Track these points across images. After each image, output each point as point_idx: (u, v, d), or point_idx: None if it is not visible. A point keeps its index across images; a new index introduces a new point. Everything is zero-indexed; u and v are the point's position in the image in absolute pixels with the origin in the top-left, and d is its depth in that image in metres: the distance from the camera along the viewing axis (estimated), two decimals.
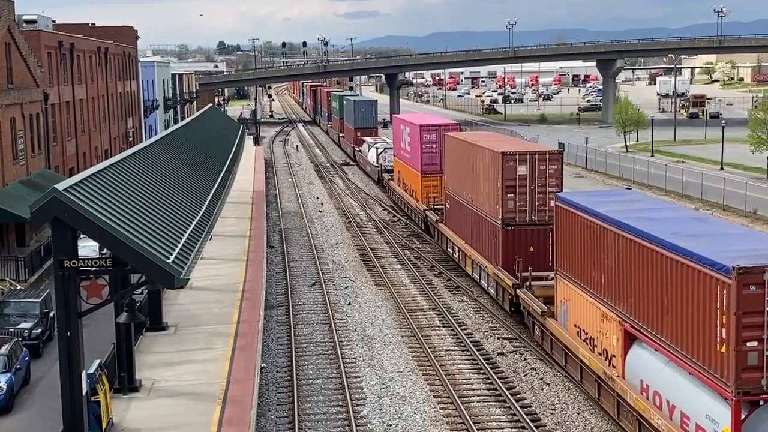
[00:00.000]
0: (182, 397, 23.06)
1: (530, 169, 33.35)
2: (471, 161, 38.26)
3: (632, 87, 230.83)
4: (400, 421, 24.99)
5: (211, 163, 39.26)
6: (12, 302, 31.58)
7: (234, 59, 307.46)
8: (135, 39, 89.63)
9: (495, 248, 34.59)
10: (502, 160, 33.29)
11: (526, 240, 33.47)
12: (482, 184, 36.24)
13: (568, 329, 27.24)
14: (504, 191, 33.45)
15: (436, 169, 49.86)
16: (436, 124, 52.06)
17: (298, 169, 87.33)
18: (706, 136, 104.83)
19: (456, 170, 41.49)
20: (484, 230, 36.23)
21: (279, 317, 35.73)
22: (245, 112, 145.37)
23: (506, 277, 32.68)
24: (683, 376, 20.30)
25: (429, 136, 50.86)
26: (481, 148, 36.57)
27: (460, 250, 40.25)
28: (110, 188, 20.75)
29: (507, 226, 33.59)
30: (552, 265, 30.28)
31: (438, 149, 49.64)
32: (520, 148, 35.46)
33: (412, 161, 53.71)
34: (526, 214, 33.58)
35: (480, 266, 36.73)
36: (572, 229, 26.46)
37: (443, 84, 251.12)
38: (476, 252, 37.39)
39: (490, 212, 34.99)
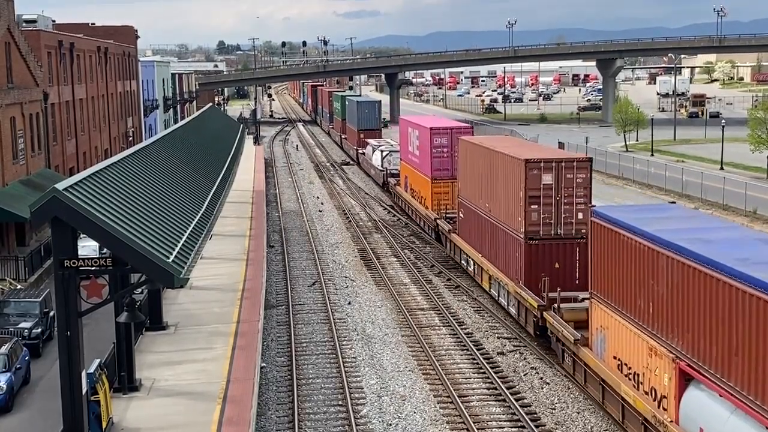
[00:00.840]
0: (182, 397, 23.07)
1: (556, 178, 30.56)
2: (489, 168, 35.51)
3: (632, 86, 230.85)
4: (399, 421, 25.00)
5: (211, 162, 39.27)
6: (12, 302, 31.59)
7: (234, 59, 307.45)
8: (135, 38, 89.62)
9: (516, 264, 31.83)
10: (525, 168, 30.53)
11: (551, 256, 30.69)
12: (502, 193, 33.56)
13: (605, 361, 24.23)
14: (527, 202, 30.68)
15: (447, 174, 47.39)
16: (448, 127, 48.95)
17: (298, 168, 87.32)
18: (705, 136, 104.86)
19: (471, 177, 38.70)
20: (503, 244, 33.47)
21: (279, 317, 35.74)
22: (245, 111, 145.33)
23: (530, 298, 29.87)
24: (755, 429, 17.35)
25: (440, 140, 47.98)
26: (501, 154, 33.72)
27: (476, 264, 37.60)
28: (110, 188, 20.76)
29: (530, 240, 30.80)
30: (579, 282, 28.91)
31: (449, 153, 47.26)
32: (545, 154, 32.44)
33: (422, 166, 50.96)
34: (551, 228, 30.78)
35: (499, 283, 34.00)
36: (612, 248, 23.46)
37: (443, 83, 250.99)
38: (494, 267, 34.63)
39: (511, 224, 32.26)
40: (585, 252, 28.30)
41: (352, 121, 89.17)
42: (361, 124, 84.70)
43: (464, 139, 41.17)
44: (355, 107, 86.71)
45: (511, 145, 37.41)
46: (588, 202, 30.37)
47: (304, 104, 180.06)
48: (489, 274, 35.49)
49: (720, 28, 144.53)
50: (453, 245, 42.30)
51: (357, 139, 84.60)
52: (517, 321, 32.47)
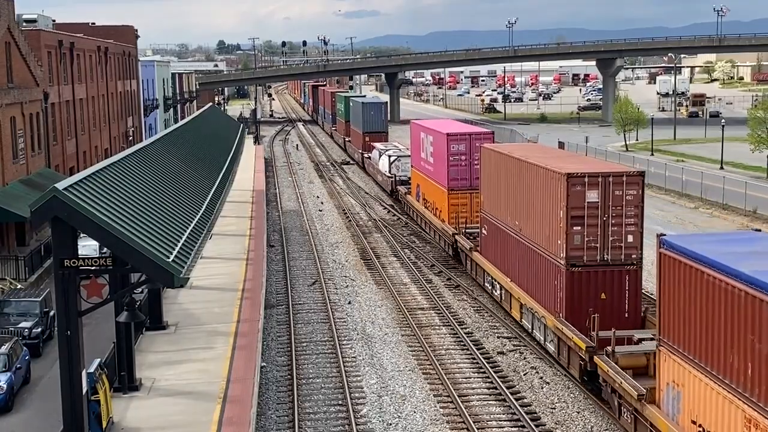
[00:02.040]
0: (182, 397, 23.09)
1: (603, 195, 26.83)
2: (520, 181, 31.54)
3: (632, 86, 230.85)
4: (400, 420, 25.01)
5: (211, 162, 39.29)
6: (12, 301, 31.60)
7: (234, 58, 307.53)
8: (135, 38, 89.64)
9: (555, 294, 27.97)
10: (567, 184, 26.71)
11: (596, 285, 27.02)
12: (536, 211, 29.65)
13: (680, 424, 20.12)
14: (569, 223, 26.88)
15: (465, 184, 43.20)
16: (466, 133, 44.53)
17: (298, 168, 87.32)
18: (705, 135, 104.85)
19: (496, 190, 34.81)
20: (538, 269, 29.53)
21: (279, 316, 35.74)
22: (245, 111, 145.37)
23: (576, 337, 25.86)
24: None
25: (457, 147, 43.44)
26: (536, 166, 29.71)
27: (503, 288, 33.65)
28: (110, 187, 20.77)
29: (572, 267, 27.02)
30: (628, 316, 26.50)
31: (468, 162, 43.17)
32: (589, 167, 28.47)
33: (436, 175, 46.32)
34: (597, 253, 26.97)
35: (533, 313, 30.04)
36: (692, 289, 19.30)
37: (443, 83, 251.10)
38: (527, 295, 30.63)
39: (549, 248, 28.38)
40: (635, 281, 26.85)
41: (356, 123, 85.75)
42: (366, 127, 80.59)
43: (488, 148, 37.11)
44: (359, 109, 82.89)
45: (545, 155, 33.21)
46: (639, 223, 27.13)
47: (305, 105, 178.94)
48: (520, 302, 31.38)
49: (720, 27, 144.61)
50: (474, 265, 38.54)
51: (362, 142, 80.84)
52: (557, 360, 28.36)
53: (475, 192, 40.60)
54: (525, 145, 44.47)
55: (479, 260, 37.33)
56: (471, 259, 38.95)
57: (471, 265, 39.33)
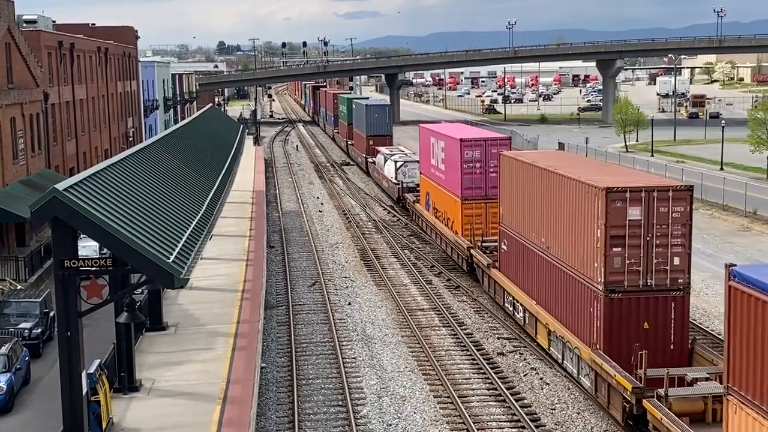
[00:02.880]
0: (182, 397, 23.08)
1: (646, 212, 24.29)
2: (547, 194, 28.76)
3: (632, 87, 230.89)
4: (399, 421, 25.01)
5: (211, 162, 39.31)
6: (12, 302, 31.59)
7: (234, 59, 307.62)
8: (135, 39, 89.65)
9: (591, 322, 25.26)
10: (606, 200, 24.09)
11: (638, 313, 24.42)
12: (568, 228, 26.92)
13: None
14: (608, 243, 24.23)
15: (480, 193, 40.61)
16: (481, 138, 41.50)
17: (298, 168, 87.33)
18: (706, 136, 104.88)
19: (519, 202, 31.98)
20: (571, 293, 26.80)
21: (279, 317, 35.75)
22: (245, 112, 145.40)
23: (619, 375, 22.92)
24: None
25: (472, 153, 40.75)
26: (568, 179, 26.93)
27: (527, 312, 30.86)
28: (110, 188, 20.78)
29: (612, 293, 24.34)
30: (674, 348, 24.25)
31: (483, 169, 40.68)
32: (630, 181, 25.69)
33: (449, 183, 43.65)
34: (640, 277, 24.41)
35: (564, 342, 27.23)
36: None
37: (443, 84, 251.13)
38: (556, 321, 27.84)
39: (584, 270, 25.67)
40: (682, 308, 24.53)
41: (359, 126, 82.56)
42: (370, 130, 77.49)
43: (509, 156, 33.99)
44: (363, 111, 79.58)
45: (575, 164, 30.25)
46: (687, 244, 24.55)
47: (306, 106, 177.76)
48: (548, 328, 28.57)
49: (720, 28, 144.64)
50: (493, 283, 35.52)
51: (366, 146, 77.68)
52: (594, 398, 25.50)
53: (491, 202, 39.00)
54: (550, 153, 39.19)
55: (498, 278, 34.38)
56: (489, 276, 35.99)
57: (488, 282, 36.30)
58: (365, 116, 77.85)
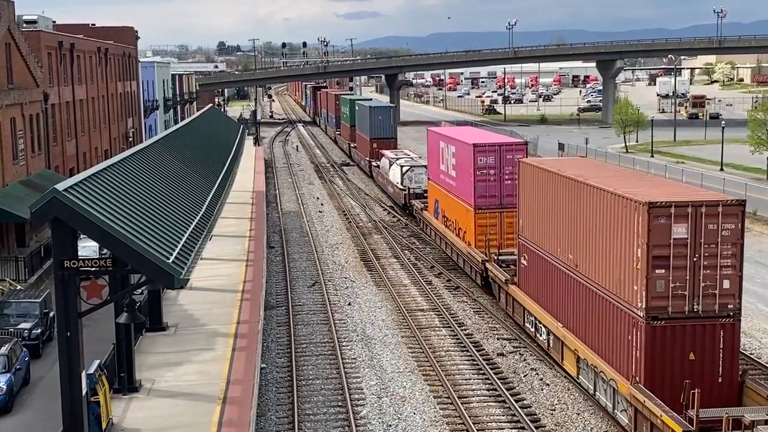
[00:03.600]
0: (182, 398, 23.07)
1: (693, 230, 21.86)
2: (576, 207, 26.25)
3: (632, 87, 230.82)
4: (399, 422, 25.00)
5: (211, 163, 39.30)
6: (12, 302, 31.58)
7: (234, 60, 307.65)
8: (135, 39, 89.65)
9: (630, 352, 22.82)
10: (648, 216, 21.68)
11: (683, 342, 22.13)
12: (601, 246, 24.37)
13: None
14: (650, 264, 21.85)
15: (494, 202, 38.41)
16: (495, 143, 39.20)
17: (298, 169, 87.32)
18: (705, 137, 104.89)
19: (540, 214, 29.62)
20: (605, 318, 24.27)
21: (279, 317, 35.74)
22: (245, 112, 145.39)
23: (667, 416, 20.53)
24: None
25: (486, 159, 38.41)
26: (601, 191, 24.30)
27: (552, 334, 28.44)
28: (110, 188, 20.77)
29: (654, 320, 22.01)
30: (722, 381, 22.17)
31: (497, 176, 38.45)
32: (675, 194, 23.03)
33: (460, 191, 41.22)
34: (685, 302, 22.06)
35: (596, 372, 24.73)
36: None
37: (443, 84, 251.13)
38: (587, 347, 25.43)
39: (621, 293, 23.18)
40: (732, 337, 22.28)
41: (362, 129, 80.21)
42: (373, 132, 75.18)
43: (530, 163, 31.48)
44: (366, 113, 77.26)
45: (606, 174, 27.53)
46: (738, 265, 22.28)
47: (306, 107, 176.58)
48: (577, 355, 26.12)
49: (720, 29, 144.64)
50: (511, 300, 33.25)
51: (369, 149, 75.30)
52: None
53: (507, 211, 37.27)
54: (576, 161, 35.73)
55: (518, 296, 32.03)
56: (506, 292, 33.72)
57: (506, 299, 33.93)
58: (369, 118, 75.81)
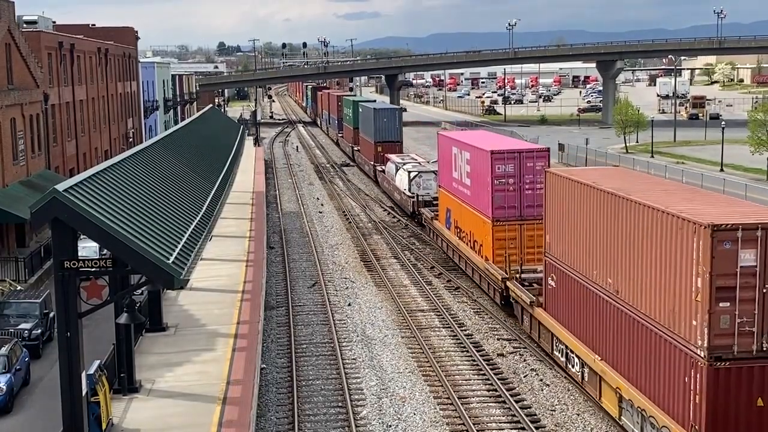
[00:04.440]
0: (182, 398, 23.07)
1: (763, 257, 18.93)
2: (616, 225, 23.23)
3: (632, 88, 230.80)
4: (399, 422, 25.00)
5: (211, 163, 39.31)
6: (12, 303, 31.60)
7: (234, 60, 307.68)
8: (135, 40, 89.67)
9: (687, 395, 19.88)
10: (711, 240, 18.75)
11: (750, 387, 19.25)
12: (649, 270, 21.32)
13: None
14: (713, 296, 18.93)
15: (514, 214, 35.48)
16: (515, 150, 36.26)
17: (298, 169, 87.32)
18: (706, 138, 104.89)
19: (572, 230, 26.55)
20: (654, 354, 21.23)
21: (279, 318, 35.74)
22: (245, 113, 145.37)
23: None
24: None
25: (504, 167, 35.54)
26: (650, 209, 21.22)
27: (586, 366, 25.49)
28: (110, 189, 20.77)
29: (717, 361, 19.11)
30: None
31: (517, 185, 35.56)
32: (740, 214, 19.98)
33: (476, 200, 38.34)
34: (754, 340, 19.17)
35: (643, 415, 21.77)
36: None
37: (443, 85, 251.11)
38: (631, 385, 22.53)
39: (676, 328, 20.15)
40: None
41: (367, 132, 76.88)
42: (378, 136, 71.94)
43: (559, 174, 28.21)
44: (371, 115, 73.88)
45: (651, 188, 24.24)
46: None
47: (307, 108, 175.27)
48: (619, 393, 23.21)
49: (720, 30, 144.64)
50: (537, 324, 30.21)
51: (374, 153, 72.11)
52: None
53: (527, 223, 34.87)
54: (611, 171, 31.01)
55: (545, 320, 29.08)
56: (531, 315, 30.75)
57: (531, 323, 31.04)
58: (373, 121, 72.57)
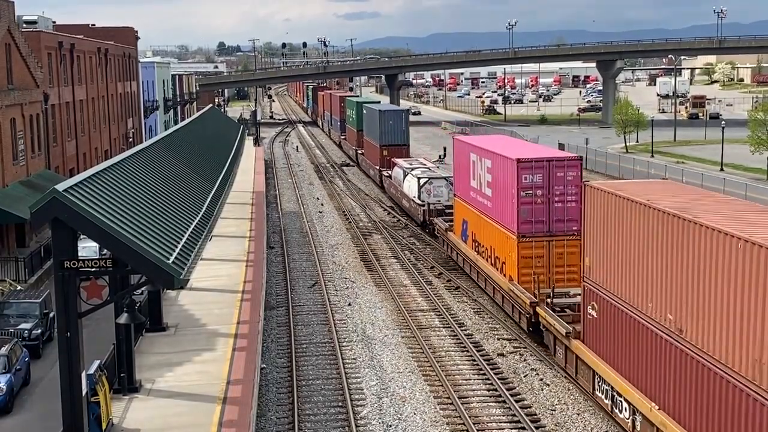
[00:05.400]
0: (182, 398, 23.06)
1: None
2: (680, 251, 19.73)
3: (632, 88, 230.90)
4: (400, 422, 25.00)
5: (211, 163, 39.31)
6: (12, 303, 31.59)
7: (234, 60, 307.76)
8: (135, 40, 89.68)
9: None
10: None
11: None
12: (726, 310, 17.94)
13: None
14: None
15: (541, 229, 32.00)
16: (543, 159, 32.43)
17: (298, 169, 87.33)
18: (706, 137, 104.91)
19: (619, 253, 22.94)
20: (733, 410, 17.82)
21: (279, 318, 35.74)
22: (245, 112, 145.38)
23: None
24: None
25: (532, 177, 31.99)
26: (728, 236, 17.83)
27: (639, 413, 21.90)
28: (110, 189, 20.77)
29: None
30: None
31: (546, 198, 32.08)
32: None
33: (498, 213, 34.80)
34: None
35: None
36: None
37: (443, 85, 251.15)
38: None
39: (760, 380, 16.85)
40: None
41: (372, 135, 73.44)
42: (384, 139, 68.41)
43: (603, 189, 24.16)
44: (376, 117, 70.33)
45: (722, 208, 20.68)
46: None
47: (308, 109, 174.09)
48: None
49: (720, 29, 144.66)
50: (574, 359, 26.53)
51: (379, 157, 68.56)
52: None
53: (557, 239, 31.67)
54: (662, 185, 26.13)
55: (585, 355, 25.43)
56: (568, 348, 26.91)
57: (566, 356, 27.25)
58: (379, 123, 68.92)
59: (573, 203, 31.26)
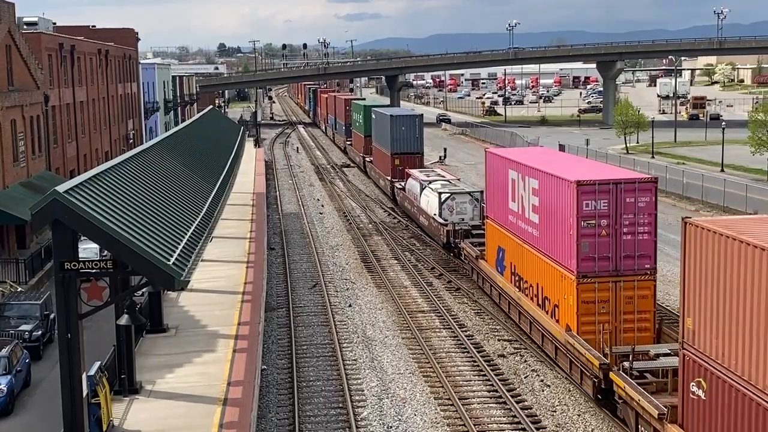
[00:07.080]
0: (183, 399, 23.07)
1: None
2: None
3: (632, 89, 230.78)
4: (400, 423, 25.00)
5: (211, 165, 39.29)
6: (12, 304, 31.60)
7: (234, 61, 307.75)
8: (135, 41, 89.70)
9: None
10: None
11: None
12: None
13: None
14: None
15: (606, 267, 26.44)
16: (609, 180, 26.60)
17: (298, 170, 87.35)
18: (706, 138, 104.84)
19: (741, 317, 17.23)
20: None
21: (279, 319, 35.74)
22: (246, 114, 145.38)
23: None
24: None
25: (596, 204, 26.30)
26: None
27: None
28: (111, 190, 20.78)
29: None
30: None
31: (613, 228, 26.40)
32: None
33: (548, 244, 29.17)
34: None
35: None
36: None
37: (444, 86, 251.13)
38: None
39: None
40: None
41: (381, 142, 67.21)
42: (396, 147, 62.30)
43: (713, 228, 18.27)
44: (386, 123, 63.83)
45: None
46: None
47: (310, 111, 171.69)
48: None
49: (720, 30, 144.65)
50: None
51: (391, 166, 62.60)
52: None
53: (625, 280, 26.37)
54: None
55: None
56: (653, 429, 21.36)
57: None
58: (390, 129, 62.64)
59: (646, 235, 26.40)
